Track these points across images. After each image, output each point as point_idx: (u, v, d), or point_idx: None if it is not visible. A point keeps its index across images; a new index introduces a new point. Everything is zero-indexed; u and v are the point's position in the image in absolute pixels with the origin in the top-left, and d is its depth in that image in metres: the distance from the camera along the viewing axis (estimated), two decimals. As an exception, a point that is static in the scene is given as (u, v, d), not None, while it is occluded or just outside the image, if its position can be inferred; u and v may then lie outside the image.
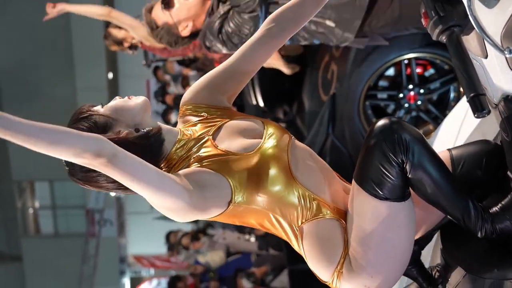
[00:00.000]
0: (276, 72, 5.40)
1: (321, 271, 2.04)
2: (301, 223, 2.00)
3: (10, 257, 17.31)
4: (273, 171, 1.96)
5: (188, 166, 1.96)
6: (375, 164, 1.87)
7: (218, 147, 1.99)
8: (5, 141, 1.60)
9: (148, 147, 1.96)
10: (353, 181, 1.97)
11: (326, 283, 2.08)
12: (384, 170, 1.86)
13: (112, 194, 14.80)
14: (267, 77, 5.74)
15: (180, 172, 1.90)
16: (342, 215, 2.04)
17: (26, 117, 1.62)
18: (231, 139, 2.04)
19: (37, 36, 14.48)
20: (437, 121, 4.45)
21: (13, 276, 16.93)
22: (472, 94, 1.66)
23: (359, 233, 1.95)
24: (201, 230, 10.01)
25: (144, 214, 16.53)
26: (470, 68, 1.70)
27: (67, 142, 1.60)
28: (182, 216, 1.87)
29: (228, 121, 2.11)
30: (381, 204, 1.90)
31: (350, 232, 1.98)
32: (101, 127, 1.92)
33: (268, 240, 8.15)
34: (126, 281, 17.55)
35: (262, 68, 5.48)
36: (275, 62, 5.29)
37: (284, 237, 2.08)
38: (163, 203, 1.83)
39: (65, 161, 1.83)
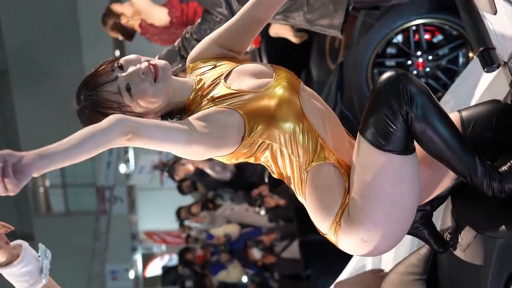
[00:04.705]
0: (283, 41, 5.37)
1: (320, 222, 2.06)
2: (308, 164, 2.02)
3: (22, 236, 17.26)
4: (284, 107, 2.01)
5: (202, 107, 2.03)
6: (379, 115, 1.87)
7: (230, 87, 2.06)
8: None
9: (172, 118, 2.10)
10: (358, 133, 1.97)
11: (325, 236, 2.09)
12: (388, 121, 1.85)
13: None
14: (274, 47, 5.72)
15: (196, 115, 1.97)
16: (343, 165, 2.06)
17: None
18: (242, 79, 2.10)
19: (44, 15, 14.46)
20: (446, 88, 4.41)
21: (26, 254, 17.04)
22: (481, 48, 1.65)
23: (361, 185, 1.95)
24: (210, 200, 10.05)
25: (154, 190, 16.59)
26: (479, 22, 1.68)
27: (98, 143, 1.71)
28: (201, 156, 1.98)
29: (237, 66, 2.17)
30: (384, 156, 1.90)
31: (352, 184, 1.99)
32: None
33: (278, 212, 8.17)
34: (138, 257, 17.62)
35: (269, 38, 5.43)
36: (283, 31, 5.25)
37: (291, 183, 2.11)
38: (185, 152, 1.93)
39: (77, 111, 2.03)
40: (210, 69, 2.20)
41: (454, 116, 2.09)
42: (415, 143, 1.94)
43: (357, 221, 1.96)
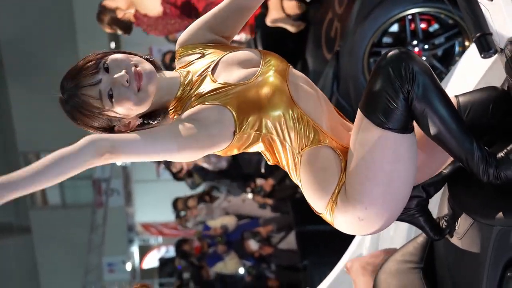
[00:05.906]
0: (279, 31, 5.36)
1: (316, 202, 2.05)
2: (301, 149, 2.02)
3: (19, 229, 17.43)
4: (273, 96, 1.99)
5: (191, 105, 2.00)
6: (381, 92, 1.86)
7: (217, 81, 2.04)
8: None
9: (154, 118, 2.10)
10: (358, 110, 1.96)
11: (320, 215, 2.09)
12: (389, 99, 1.85)
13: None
14: (270, 36, 5.71)
15: (184, 115, 1.96)
16: (339, 147, 2.05)
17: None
18: (229, 71, 2.07)
19: (39, 7, 14.41)
20: (442, 77, 4.40)
21: (22, 247, 17.06)
22: (478, 34, 1.64)
23: (358, 162, 1.94)
24: (206, 192, 10.05)
25: (151, 182, 16.59)
26: (476, 7, 1.68)
27: (69, 166, 1.74)
28: (194, 157, 1.97)
29: (225, 55, 2.14)
30: (383, 134, 1.89)
31: (350, 162, 1.98)
32: (113, 125, 2.02)
33: (273, 204, 8.20)
34: (135, 249, 17.66)
35: (265, 27, 5.41)
36: (280, 19, 5.25)
37: (285, 166, 2.10)
38: (179, 157, 1.94)
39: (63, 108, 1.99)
40: (197, 59, 2.17)
41: (451, 100, 2.09)
42: (415, 124, 1.94)
43: (354, 199, 1.95)
